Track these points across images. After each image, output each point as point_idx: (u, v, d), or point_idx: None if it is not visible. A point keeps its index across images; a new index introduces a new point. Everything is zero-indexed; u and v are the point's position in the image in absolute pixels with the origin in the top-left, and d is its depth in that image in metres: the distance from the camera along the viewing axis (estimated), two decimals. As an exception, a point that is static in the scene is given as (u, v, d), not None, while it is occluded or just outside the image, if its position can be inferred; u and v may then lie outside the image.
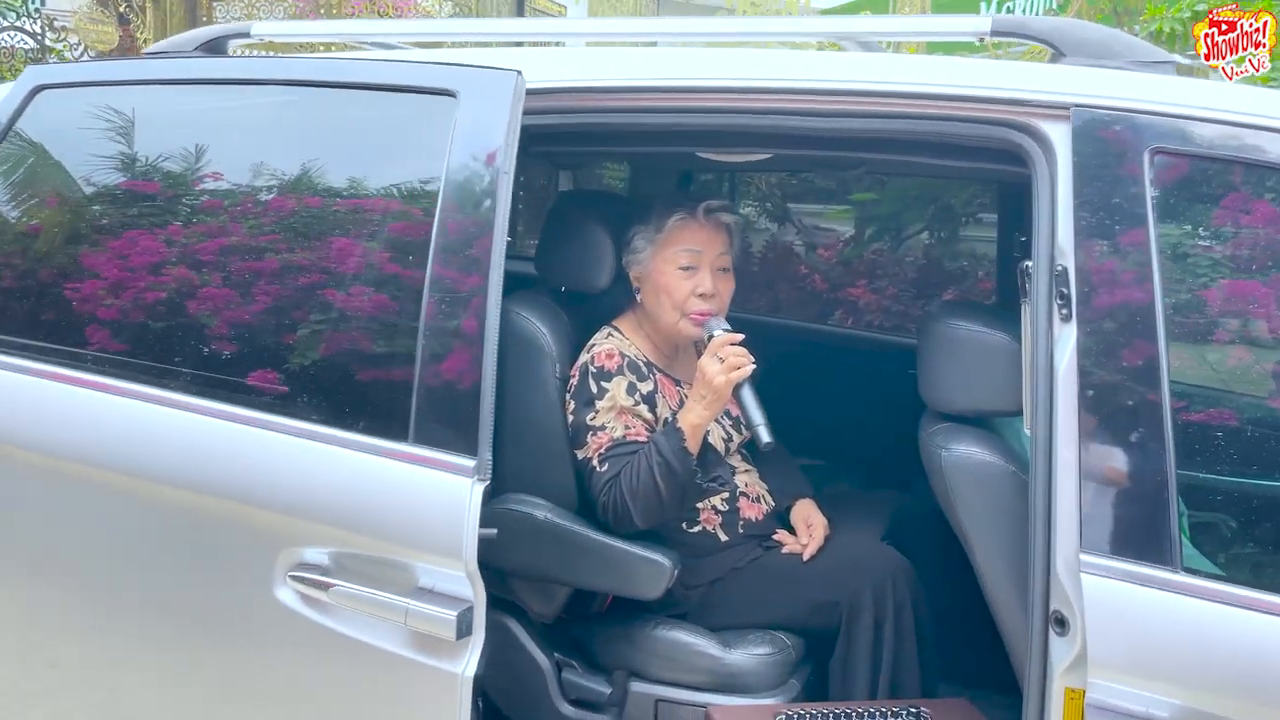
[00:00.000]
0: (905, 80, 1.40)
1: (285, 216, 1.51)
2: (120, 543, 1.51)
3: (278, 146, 1.56)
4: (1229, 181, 1.31)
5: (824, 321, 3.41)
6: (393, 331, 1.42)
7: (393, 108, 1.51)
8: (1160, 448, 1.21)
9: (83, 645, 1.55)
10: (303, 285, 1.47)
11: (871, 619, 1.73)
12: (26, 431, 1.54)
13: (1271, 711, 1.15)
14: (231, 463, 1.44)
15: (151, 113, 1.68)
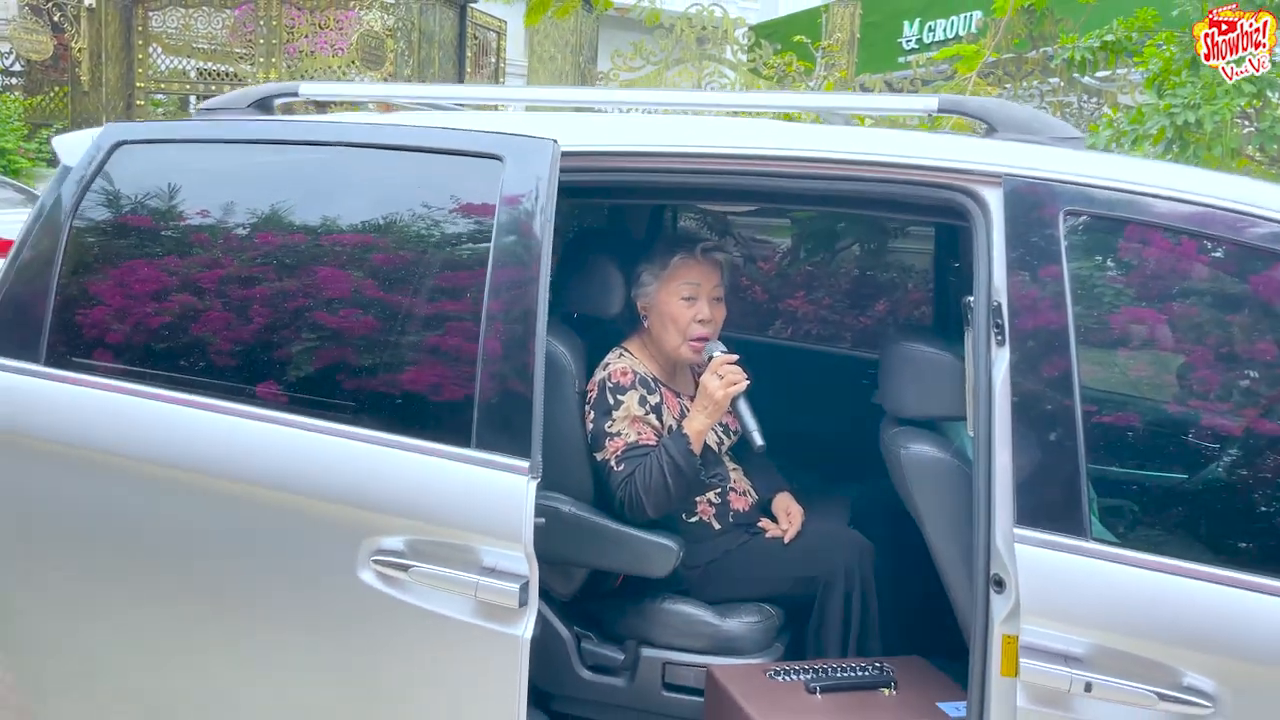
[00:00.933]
0: (872, 150, 1.73)
1: (358, 262, 1.79)
2: (221, 539, 1.76)
3: (349, 200, 1.83)
4: (1122, 234, 1.67)
5: (764, 332, 3.75)
6: (456, 356, 1.71)
7: (448, 168, 1.80)
8: (1074, 444, 1.55)
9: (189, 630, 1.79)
10: (379, 318, 1.75)
11: (842, 591, 2.07)
12: (140, 446, 1.79)
13: (1154, 644, 1.50)
14: (320, 467, 1.71)
15: (225, 168, 1.94)
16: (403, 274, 1.77)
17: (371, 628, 1.69)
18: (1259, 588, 1.49)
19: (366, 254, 1.80)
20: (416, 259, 1.77)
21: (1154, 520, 1.64)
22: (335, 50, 13.77)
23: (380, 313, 1.76)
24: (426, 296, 1.76)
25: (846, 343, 3.27)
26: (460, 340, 1.70)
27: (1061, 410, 1.56)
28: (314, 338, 1.77)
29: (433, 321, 1.74)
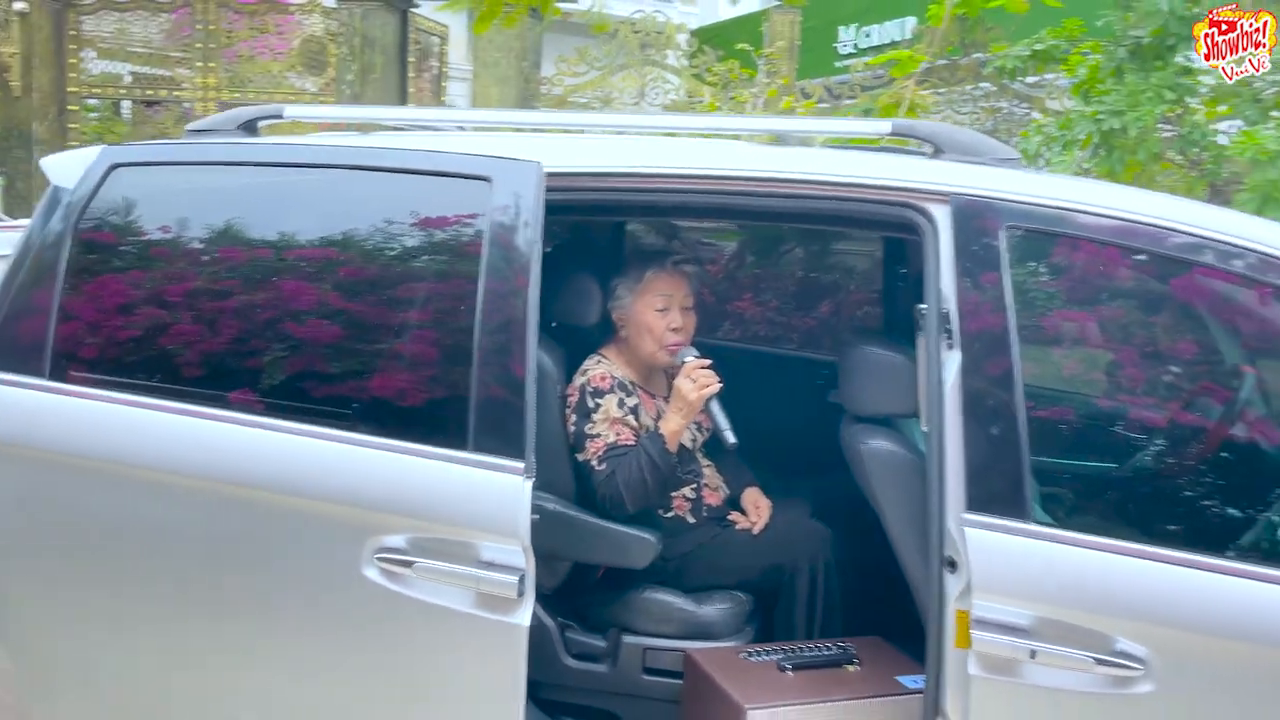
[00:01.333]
0: (833, 171, 1.90)
1: (356, 278, 1.90)
2: (228, 541, 1.86)
3: (345, 219, 1.94)
4: (1056, 246, 1.85)
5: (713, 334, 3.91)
6: (452, 365, 1.83)
7: (440, 189, 1.92)
8: (1016, 436, 1.72)
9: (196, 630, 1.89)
10: (378, 331, 1.87)
11: (807, 578, 2.24)
12: (149, 455, 1.88)
13: (1090, 614, 1.67)
14: (323, 471, 1.82)
15: (222, 189, 2.04)
16: (399, 290, 1.89)
17: (377, 622, 1.80)
18: (1182, 562, 1.67)
19: (364, 271, 1.92)
20: (412, 276, 1.90)
21: (1088, 504, 1.82)
22: (275, 55, 13.68)
23: (379, 326, 1.88)
24: (423, 310, 1.88)
25: (793, 343, 3.44)
26: (456, 350, 1.82)
27: (1005, 406, 1.74)
28: (315, 350, 1.88)
29: (429, 333, 1.87)
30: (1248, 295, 1.81)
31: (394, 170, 1.95)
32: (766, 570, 2.24)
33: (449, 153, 1.95)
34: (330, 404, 1.87)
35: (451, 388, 1.83)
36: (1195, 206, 1.87)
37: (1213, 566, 1.67)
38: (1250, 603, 1.66)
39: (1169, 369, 1.88)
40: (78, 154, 2.18)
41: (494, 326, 1.80)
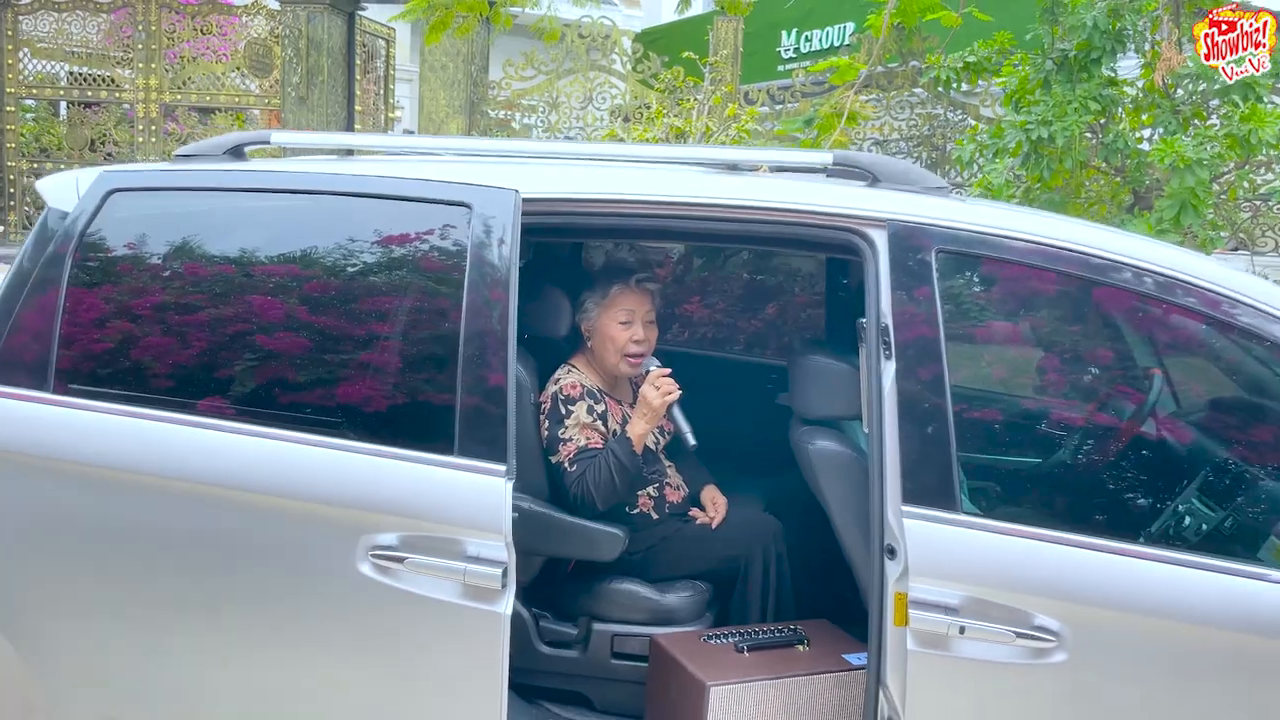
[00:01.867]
0: (785, 199, 2.09)
1: (347, 297, 2.06)
2: (229, 542, 2.01)
3: (334, 242, 2.10)
4: (980, 266, 2.07)
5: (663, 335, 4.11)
6: (438, 376, 2.00)
7: (425, 214, 2.08)
8: (946, 436, 1.93)
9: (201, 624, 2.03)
10: (368, 345, 2.03)
11: (760, 567, 2.44)
12: (153, 462, 2.01)
13: (1011, 593, 1.88)
14: (319, 475, 1.98)
15: (216, 214, 2.18)
16: (388, 307, 2.05)
17: (371, 613, 1.96)
18: (1092, 546, 1.90)
19: (353, 290, 2.07)
20: (399, 294, 2.06)
21: (1010, 495, 2.05)
22: (218, 56, 13.59)
23: (368, 340, 2.04)
24: (410, 326, 2.05)
25: (740, 344, 3.65)
26: (443, 364, 1.99)
27: (936, 409, 1.95)
28: (308, 363, 2.04)
29: (416, 347, 2.03)
30: (1143, 308, 2.05)
31: (382, 196, 2.11)
32: (724, 561, 2.45)
33: (433, 180, 2.11)
34: (323, 413, 2.02)
35: (438, 397, 1.99)
36: (1096, 231, 2.10)
37: (1119, 550, 1.90)
38: (1150, 582, 1.89)
39: (1080, 374, 2.12)
40: (71, 177, 2.29)
41: (476, 340, 1.98)
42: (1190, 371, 2.17)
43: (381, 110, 14.24)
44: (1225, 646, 1.88)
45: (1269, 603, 1.87)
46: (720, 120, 9.38)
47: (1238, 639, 1.88)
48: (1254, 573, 1.90)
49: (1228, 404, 2.14)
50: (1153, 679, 1.89)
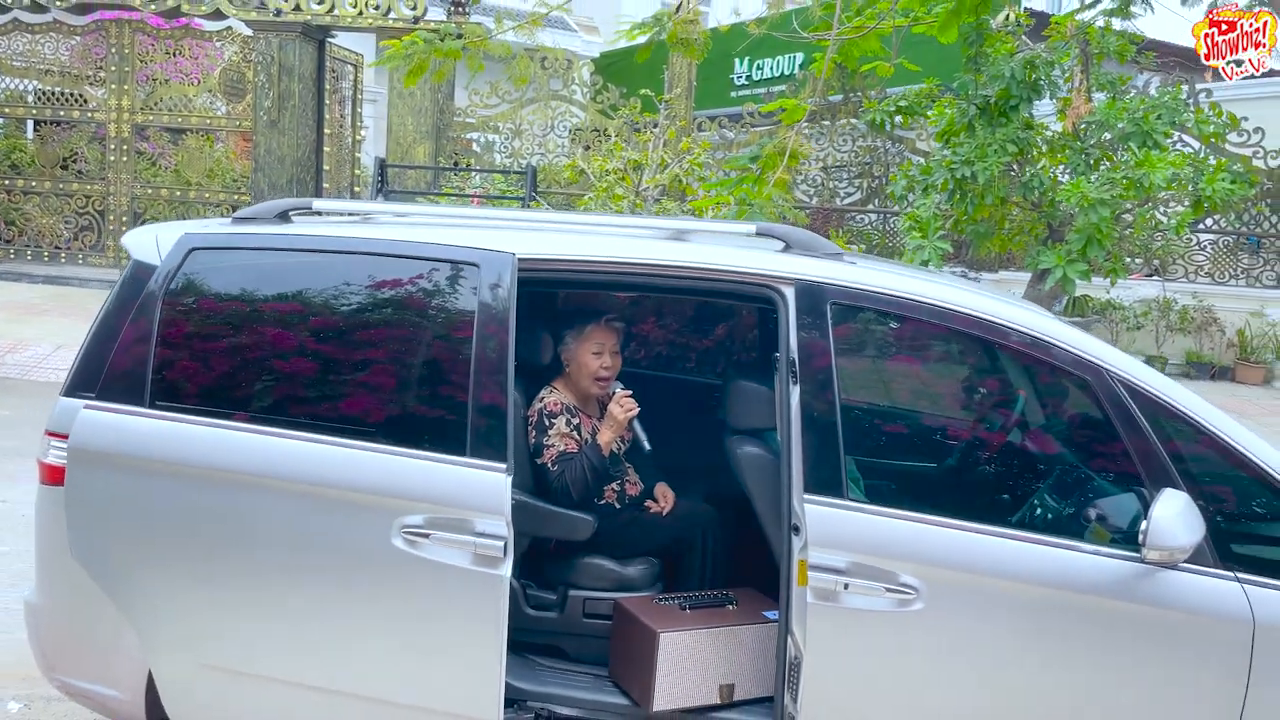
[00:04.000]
0: (720, 261, 2.73)
1: (386, 334, 2.68)
2: (292, 524, 2.61)
3: (376, 289, 2.72)
4: (861, 313, 2.73)
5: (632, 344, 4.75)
6: (455, 396, 2.62)
7: (443, 270, 2.71)
8: (836, 443, 2.58)
9: (270, 588, 2.63)
10: (402, 372, 2.65)
11: (699, 547, 3.10)
12: (236, 461, 2.61)
13: (883, 558, 2.49)
14: (365, 470, 2.58)
15: (284, 267, 2.79)
16: (415, 342, 2.68)
17: (403, 577, 2.57)
18: (943, 524, 2.52)
19: (387, 327, 2.70)
20: (426, 331, 2.69)
21: (882, 486, 2.71)
22: (190, 79, 14.01)
23: (400, 366, 2.67)
24: (432, 356, 2.67)
25: (691, 361, 4.30)
26: (458, 386, 2.62)
27: (829, 423, 2.59)
28: (352, 384, 2.66)
29: (437, 372, 2.66)
30: (975, 343, 2.73)
31: (408, 256, 2.73)
32: (672, 541, 3.12)
33: (449, 244, 2.74)
34: (365, 423, 2.64)
35: (455, 413, 2.62)
36: (942, 287, 2.74)
37: (963, 527, 2.52)
38: (987, 550, 2.51)
39: (934, 395, 2.80)
40: (151, 234, 2.89)
41: (483, 368, 2.60)
42: (1009, 390, 2.87)
43: (349, 132, 14.74)
44: (1044, 598, 2.48)
45: (1078, 566, 2.51)
46: (675, 152, 10.08)
47: (1053, 593, 2.51)
48: (1066, 544, 2.54)
49: (1037, 416, 2.84)
50: (989, 621, 2.49)
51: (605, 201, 9.38)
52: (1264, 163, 11.31)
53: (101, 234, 14.03)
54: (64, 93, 14.11)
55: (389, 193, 11.78)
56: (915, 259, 8.09)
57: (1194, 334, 11.24)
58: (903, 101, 8.94)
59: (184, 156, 13.96)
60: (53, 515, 2.75)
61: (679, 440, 3.34)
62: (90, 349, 2.78)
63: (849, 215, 12.74)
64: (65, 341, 9.66)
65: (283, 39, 12.93)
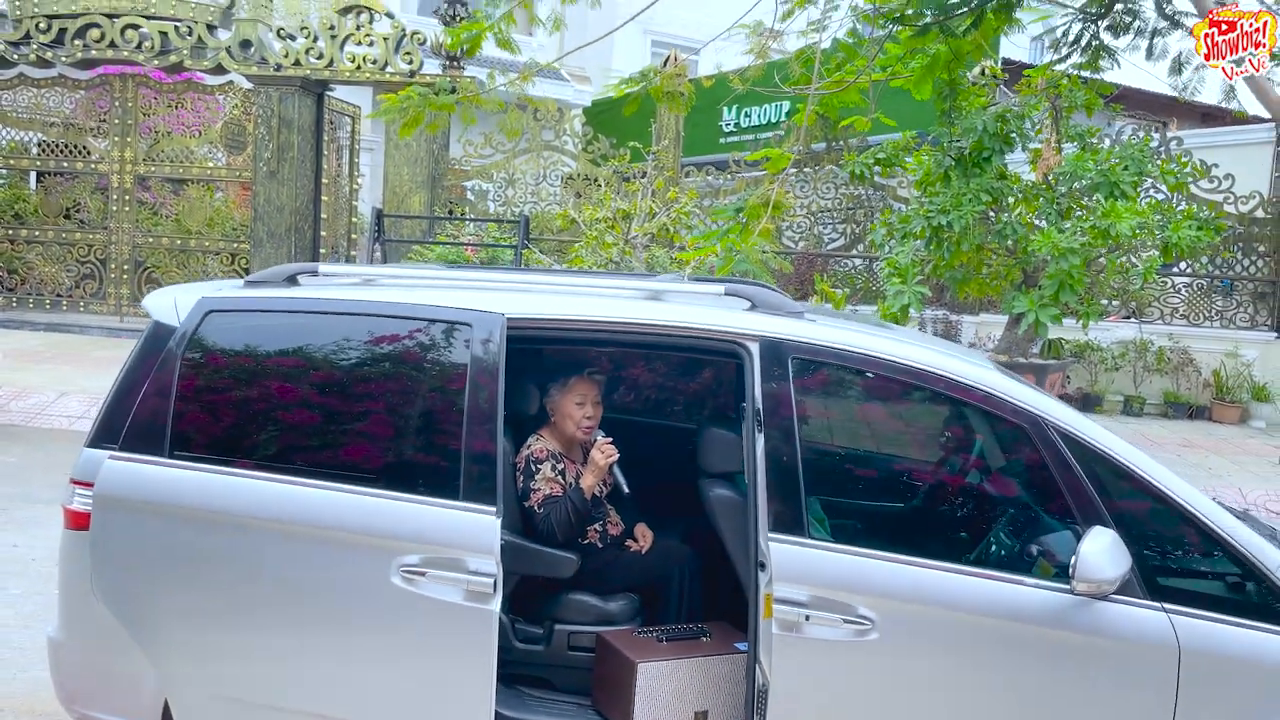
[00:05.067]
0: (693, 320, 2.99)
1: (387, 387, 2.93)
2: (298, 563, 2.84)
3: (377, 346, 2.97)
4: (820, 367, 2.99)
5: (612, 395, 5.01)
6: (449, 445, 2.86)
7: (439, 328, 2.96)
8: (798, 486, 2.81)
9: (276, 623, 2.85)
10: (401, 423, 2.90)
11: (676, 583, 3.33)
12: (244, 506, 2.85)
13: (842, 592, 2.72)
14: (367, 514, 2.82)
15: (292, 328, 3.04)
16: (414, 395, 2.93)
17: (401, 612, 2.80)
18: (896, 560, 2.76)
19: (388, 382, 2.95)
20: (423, 384, 2.94)
21: (840, 526, 2.94)
22: (191, 131, 14.37)
23: (400, 418, 2.91)
24: (428, 408, 2.92)
25: (667, 410, 4.54)
26: (452, 435, 2.86)
27: (791, 468, 2.82)
28: (355, 434, 2.90)
29: (433, 423, 2.91)
30: (921, 394, 2.98)
31: (407, 317, 2.99)
32: (650, 578, 3.35)
33: (444, 306, 2.99)
34: (368, 470, 2.88)
35: (449, 459, 2.86)
36: (892, 343, 2.99)
37: (914, 562, 2.75)
38: (936, 583, 2.74)
39: (886, 441, 3.05)
40: (170, 296, 3.14)
41: (475, 419, 2.85)
42: (955, 437, 3.12)
43: (346, 181, 15.08)
44: (993, 628, 2.70)
45: (1019, 598, 2.74)
46: (663, 201, 10.40)
47: (997, 622, 2.74)
48: (1008, 578, 2.78)
49: (981, 461, 3.09)
50: (939, 649, 2.71)
51: (595, 249, 9.67)
52: (1235, 208, 11.67)
53: (103, 282, 14.30)
54: (68, 145, 14.46)
55: (385, 241, 12.08)
56: (895, 304, 8.39)
57: (1171, 374, 11.53)
58: (881, 154, 9.29)
59: (185, 206, 14.28)
60: (77, 557, 2.97)
61: (657, 483, 3.58)
62: (113, 403, 3.03)
63: (834, 260, 13.06)
64: (68, 389, 9.89)
65: (282, 92, 13.31)
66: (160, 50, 13.39)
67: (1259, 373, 11.43)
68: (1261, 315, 11.81)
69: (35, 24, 13.54)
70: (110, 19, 13.38)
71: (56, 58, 13.66)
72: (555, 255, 11.85)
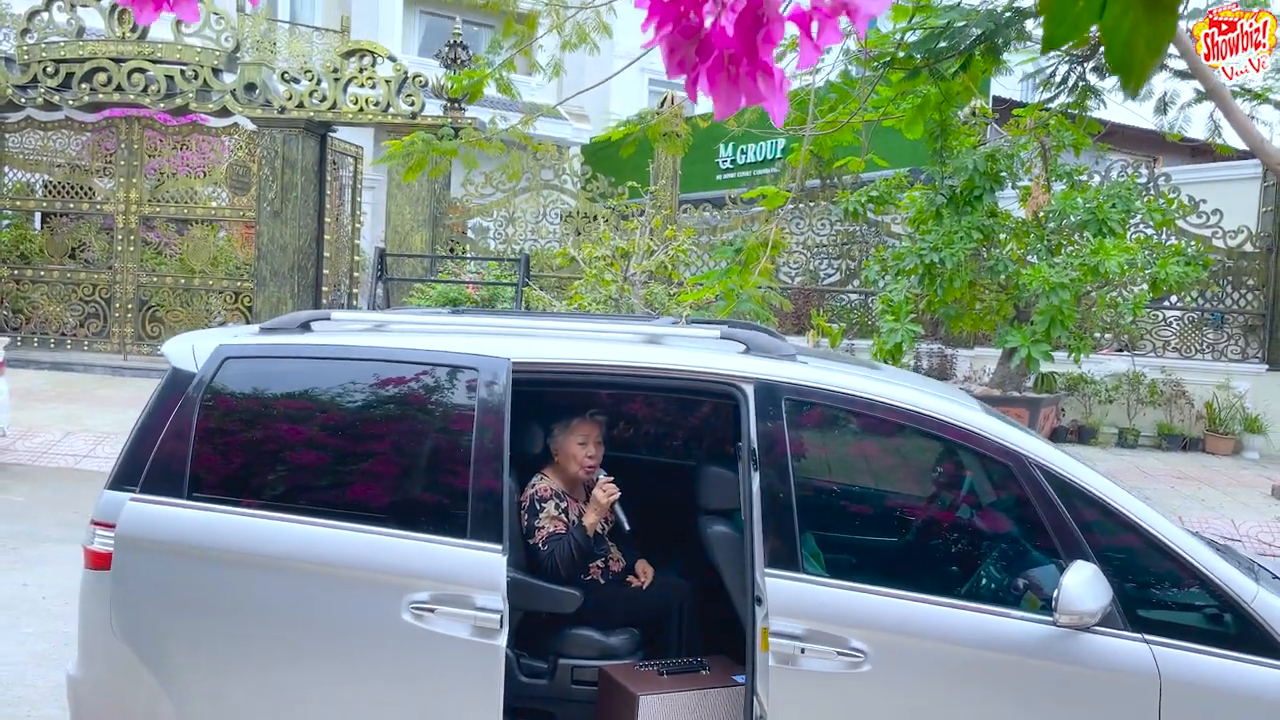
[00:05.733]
0: (690, 363, 3.13)
1: (398, 429, 3.06)
2: (311, 600, 2.95)
3: (387, 390, 3.10)
4: (812, 407, 3.12)
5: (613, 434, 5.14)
6: (457, 485, 2.98)
7: (447, 373, 3.10)
8: (792, 523, 2.95)
9: (292, 656, 2.96)
10: (411, 464, 3.02)
11: (676, 617, 3.43)
12: (261, 546, 2.97)
13: (835, 625, 2.86)
14: (378, 553, 2.94)
15: (307, 375, 3.17)
16: (424, 436, 3.06)
17: (411, 647, 2.91)
18: (886, 594, 2.89)
19: (399, 424, 3.07)
20: (433, 426, 3.06)
21: (833, 561, 3.07)
22: (195, 172, 14.58)
23: (409, 458, 3.04)
24: (436, 449, 3.04)
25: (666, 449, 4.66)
26: (460, 475, 2.98)
27: (786, 505, 2.96)
28: (367, 475, 3.03)
29: (441, 463, 3.03)
30: (905, 432, 3.11)
31: (418, 362, 3.12)
32: (651, 613, 3.45)
33: (452, 351, 3.13)
34: (379, 510, 3.00)
35: (457, 499, 2.98)
36: (877, 383, 3.12)
37: (905, 596, 2.88)
38: (926, 616, 2.87)
39: (879, 479, 3.18)
40: (187, 344, 3.27)
41: (481, 459, 2.98)
42: (943, 474, 3.25)
43: (349, 221, 15.28)
44: (977, 658, 2.84)
45: (1005, 629, 2.86)
46: (660, 239, 10.58)
47: (984, 653, 2.86)
48: (999, 611, 2.90)
49: (969, 497, 3.21)
50: (929, 679, 2.84)
51: (595, 286, 9.83)
52: (1223, 242, 11.85)
53: (107, 321, 14.45)
54: (73, 185, 14.66)
55: (388, 280, 12.24)
56: (889, 341, 8.54)
57: (1164, 406, 11.65)
58: (874, 192, 9.50)
59: (189, 245, 14.46)
60: (97, 596, 3.08)
61: (657, 520, 3.69)
62: (132, 447, 3.15)
63: (830, 295, 13.23)
64: (73, 428, 10.00)
65: (286, 134, 13.54)
66: (166, 94, 13.62)
67: (1251, 404, 11.56)
68: (1252, 348, 11.96)
69: (43, 68, 13.78)
70: (117, 63, 13.62)
71: (63, 101, 13.89)
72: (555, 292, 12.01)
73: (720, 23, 0.58)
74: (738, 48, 0.59)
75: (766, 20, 0.59)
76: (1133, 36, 0.55)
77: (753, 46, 0.59)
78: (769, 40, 0.59)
